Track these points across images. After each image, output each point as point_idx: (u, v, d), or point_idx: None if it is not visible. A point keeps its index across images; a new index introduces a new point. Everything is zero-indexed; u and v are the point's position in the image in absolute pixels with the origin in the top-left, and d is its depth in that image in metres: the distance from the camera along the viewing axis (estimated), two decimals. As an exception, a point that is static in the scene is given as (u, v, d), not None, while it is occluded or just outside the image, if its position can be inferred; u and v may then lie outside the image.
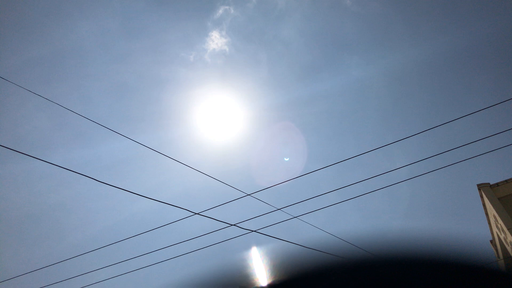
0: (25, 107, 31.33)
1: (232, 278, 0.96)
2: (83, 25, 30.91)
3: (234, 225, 5.99)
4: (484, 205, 16.41)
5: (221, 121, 32.00)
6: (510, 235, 13.54)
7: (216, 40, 32.93)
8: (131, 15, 32.36)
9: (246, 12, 33.85)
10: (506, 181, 14.97)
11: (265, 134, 34.71)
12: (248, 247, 1.14)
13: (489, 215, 16.54)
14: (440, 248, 0.90)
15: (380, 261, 0.92)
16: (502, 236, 15.38)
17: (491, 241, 18.22)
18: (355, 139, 38.10)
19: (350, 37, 35.07)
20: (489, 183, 15.38)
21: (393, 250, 0.93)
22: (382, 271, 0.89)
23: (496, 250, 17.61)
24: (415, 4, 32.70)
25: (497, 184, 15.11)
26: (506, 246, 15.16)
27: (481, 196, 15.90)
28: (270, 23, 34.53)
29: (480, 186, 15.58)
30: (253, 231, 6.13)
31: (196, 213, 5.83)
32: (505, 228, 13.83)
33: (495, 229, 16.56)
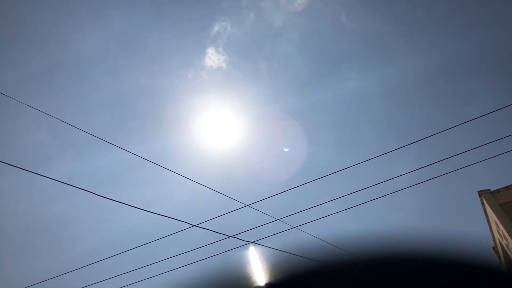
0: (23, 120, 31.38)
1: (230, 279, 0.95)
2: (81, 39, 31.14)
3: (232, 236, 5.93)
4: (485, 211, 16.34)
5: (219, 132, 32.11)
6: (512, 242, 13.47)
7: (213, 57, 33.22)
8: (129, 31, 32.69)
9: (244, 29, 34.22)
10: (507, 187, 14.91)
11: (264, 143, 34.78)
12: (247, 258, 1.12)
13: (491, 222, 16.47)
14: (441, 253, 0.89)
15: (379, 267, 0.91)
16: (504, 243, 15.29)
17: (493, 248, 18.11)
18: (354, 148, 38.21)
19: (347, 53, 35.53)
20: (489, 190, 15.33)
21: (392, 256, 0.93)
22: (380, 277, 0.88)
23: (499, 256, 17.50)
24: (410, 20, 33.29)
25: (498, 191, 15.05)
26: (508, 252, 15.06)
27: (482, 203, 15.84)
28: (267, 40, 34.95)
29: (481, 193, 15.52)
30: (252, 242, 6.07)
31: (194, 225, 5.77)
32: (506, 235, 13.75)
33: (497, 236, 16.47)
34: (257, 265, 0.97)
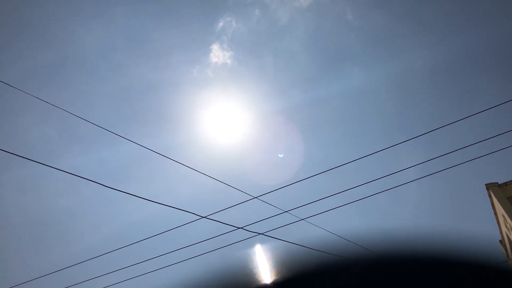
0: (31, 112, 31.62)
1: (235, 277, 0.95)
2: (87, 35, 31.22)
3: (241, 228, 5.99)
4: (492, 204, 16.27)
5: (227, 125, 32.18)
6: (520, 235, 13.41)
7: (218, 53, 33.20)
8: (134, 28, 32.71)
9: (249, 25, 34.11)
10: (515, 180, 14.83)
11: (270, 137, 34.80)
12: (253, 256, 1.12)
13: (498, 215, 16.40)
14: (449, 248, 0.90)
15: (386, 261, 0.92)
16: (511, 236, 15.23)
17: (500, 241, 18.05)
18: (362, 141, 38.09)
19: (353, 49, 35.37)
20: (497, 183, 15.26)
21: (400, 250, 0.93)
22: (388, 271, 0.88)
23: (506, 250, 17.44)
24: (416, 16, 33.02)
25: (506, 184, 14.97)
26: (516, 246, 15.02)
27: (490, 196, 15.77)
28: (272, 36, 34.85)
29: (489, 186, 15.45)
30: (260, 233, 6.12)
31: (203, 217, 5.84)
32: (514, 228, 13.70)
33: (504, 229, 16.41)
34: (264, 263, 0.97)
